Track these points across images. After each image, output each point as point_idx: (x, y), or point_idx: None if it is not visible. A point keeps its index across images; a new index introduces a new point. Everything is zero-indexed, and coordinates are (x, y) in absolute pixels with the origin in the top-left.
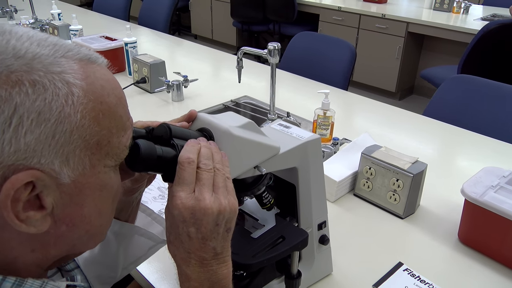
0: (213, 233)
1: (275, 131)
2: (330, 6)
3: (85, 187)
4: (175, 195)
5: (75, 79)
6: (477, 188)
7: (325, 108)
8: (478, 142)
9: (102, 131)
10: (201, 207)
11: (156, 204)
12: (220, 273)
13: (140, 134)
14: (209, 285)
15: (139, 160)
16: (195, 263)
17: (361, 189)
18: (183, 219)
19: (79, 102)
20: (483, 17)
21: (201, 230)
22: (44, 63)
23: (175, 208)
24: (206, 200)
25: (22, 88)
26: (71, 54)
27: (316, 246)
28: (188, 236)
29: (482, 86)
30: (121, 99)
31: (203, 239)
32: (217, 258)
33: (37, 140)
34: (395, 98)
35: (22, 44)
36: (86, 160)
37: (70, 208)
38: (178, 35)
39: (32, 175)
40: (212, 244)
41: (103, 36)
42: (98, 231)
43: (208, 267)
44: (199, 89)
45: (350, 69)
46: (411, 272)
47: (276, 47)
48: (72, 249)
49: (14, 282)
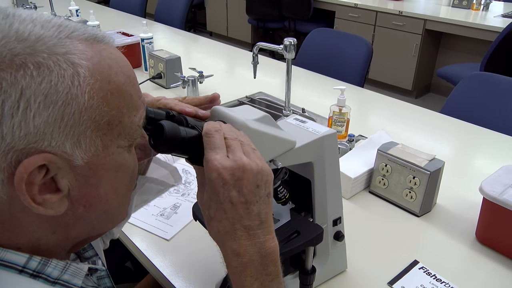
0: (255, 196)
1: (291, 126)
2: (346, 3)
3: (99, 168)
4: (211, 159)
5: (80, 60)
6: (496, 186)
7: (340, 105)
8: (496, 141)
9: (112, 111)
10: (239, 165)
11: (171, 198)
12: (268, 246)
13: (161, 116)
14: (259, 260)
15: (163, 141)
16: (241, 235)
17: (376, 186)
18: (223, 182)
19: (86, 82)
20: (504, 14)
21: (243, 191)
22: (47, 44)
23: (213, 171)
24: (244, 159)
25: (27, 71)
26: (76, 35)
27: (331, 242)
28: (230, 202)
29: (501, 83)
30: (130, 77)
31: (246, 203)
32: (263, 228)
33: (46, 123)
34: (411, 97)
35: (25, 27)
36: (98, 141)
37: (86, 189)
38: (193, 32)
39: (44, 158)
40: (256, 209)
41: (119, 32)
42: (116, 211)
43: (255, 239)
44: (214, 85)
45: (367, 66)
46: (427, 271)
47: (292, 43)
48: (92, 230)
49: (39, 262)
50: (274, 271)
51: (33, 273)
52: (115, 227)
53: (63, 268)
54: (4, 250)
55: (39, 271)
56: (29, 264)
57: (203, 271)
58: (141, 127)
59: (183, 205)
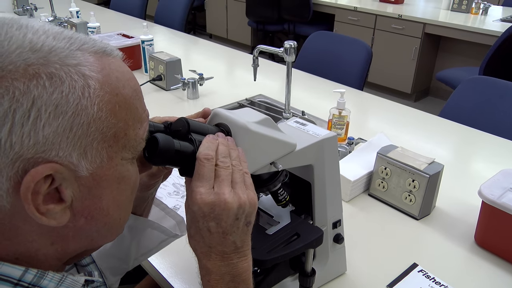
0: (233, 227)
1: (291, 128)
2: (346, 6)
3: (103, 180)
4: (195, 191)
5: (91, 72)
6: (495, 190)
7: (340, 108)
8: (496, 144)
9: (119, 123)
10: (220, 202)
11: (171, 200)
12: (241, 267)
13: (159, 128)
14: (230, 279)
15: (157, 154)
16: (215, 257)
17: (376, 189)
18: (203, 214)
19: (96, 94)
20: (502, 18)
21: (221, 224)
22: (60, 56)
23: (195, 204)
24: (226, 195)
25: (40, 81)
26: (87, 47)
27: (330, 245)
28: (208, 231)
29: (500, 87)
30: (136, 90)
31: (223, 234)
32: (238, 252)
33: (55, 133)
34: (410, 100)
35: (38, 38)
36: (104, 153)
37: (88, 201)
38: (193, 34)
39: (51, 168)
40: (232, 238)
41: (120, 34)
42: (116, 224)
43: (228, 261)
44: (214, 87)
45: (366, 70)
46: (426, 274)
47: (292, 45)
48: (90, 243)
49: (35, 274)
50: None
51: (29, 286)
52: (114, 276)
53: (59, 281)
54: (0, 263)
55: (35, 284)
56: (25, 277)
57: None
58: (144, 140)
59: (183, 207)
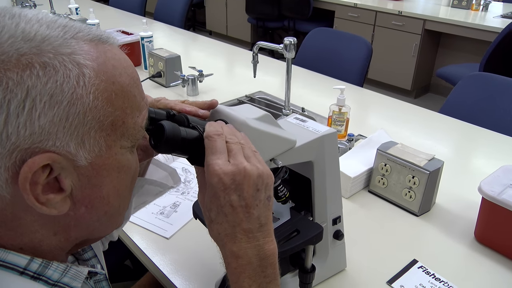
0: (256, 200)
1: (291, 125)
2: (346, 2)
3: (102, 169)
4: (212, 163)
5: (85, 60)
6: (495, 186)
7: (340, 104)
8: (496, 141)
9: (116, 112)
10: (240, 170)
11: (170, 197)
12: (267, 249)
13: (161, 116)
14: (258, 263)
15: (164, 141)
16: (241, 238)
17: (376, 185)
18: (223, 186)
19: (91, 83)
20: (503, 15)
21: (243, 195)
22: (53, 44)
23: (214, 176)
24: (244, 163)
25: (33, 71)
26: (81, 35)
27: (330, 241)
28: (231, 206)
29: (500, 84)
30: (134, 78)
31: (246, 207)
32: (263, 231)
33: (51, 123)
34: (410, 97)
35: (31, 27)
36: (102, 142)
37: (88, 190)
38: (193, 31)
39: (48, 157)
40: (256, 212)
41: (119, 31)
42: (116, 212)
43: (254, 242)
44: (214, 84)
45: (366, 66)
46: (426, 270)
47: (292, 42)
48: (92, 232)
49: (40, 264)
50: (272, 273)
51: (34, 275)
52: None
53: (64, 271)
54: (6, 252)
55: (40, 273)
56: (30, 266)
57: (203, 269)
58: (144, 128)
59: (183, 204)
